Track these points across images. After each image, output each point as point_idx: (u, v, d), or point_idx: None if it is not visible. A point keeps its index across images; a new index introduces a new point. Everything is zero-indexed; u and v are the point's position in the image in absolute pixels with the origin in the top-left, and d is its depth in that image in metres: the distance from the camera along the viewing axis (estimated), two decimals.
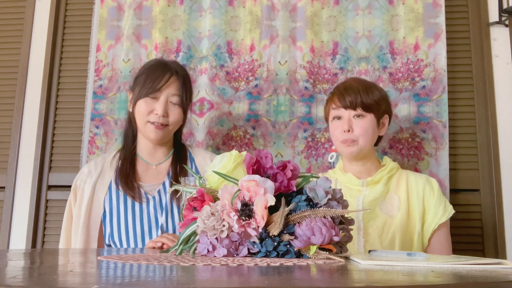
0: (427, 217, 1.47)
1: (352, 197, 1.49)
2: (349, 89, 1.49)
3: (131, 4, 2.00)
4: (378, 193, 1.48)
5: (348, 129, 1.47)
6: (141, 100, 1.48)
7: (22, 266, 0.77)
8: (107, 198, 1.50)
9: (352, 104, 1.47)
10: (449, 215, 1.47)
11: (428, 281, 0.60)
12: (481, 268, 0.72)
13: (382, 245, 1.42)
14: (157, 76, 1.48)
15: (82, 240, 1.46)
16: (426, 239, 1.46)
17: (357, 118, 1.48)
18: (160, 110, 1.46)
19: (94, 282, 0.56)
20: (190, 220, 0.98)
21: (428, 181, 1.51)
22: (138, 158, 1.56)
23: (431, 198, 1.47)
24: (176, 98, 1.49)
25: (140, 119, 1.49)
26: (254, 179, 0.91)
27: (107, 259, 0.87)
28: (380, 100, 1.51)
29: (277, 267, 0.72)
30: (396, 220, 1.45)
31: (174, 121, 1.50)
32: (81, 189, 1.52)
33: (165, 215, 1.47)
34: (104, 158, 1.59)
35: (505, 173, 1.83)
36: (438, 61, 1.84)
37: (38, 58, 2.08)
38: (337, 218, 0.94)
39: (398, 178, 1.52)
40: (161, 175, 1.54)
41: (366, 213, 1.45)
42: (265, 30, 1.93)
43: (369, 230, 1.44)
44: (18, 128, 2.04)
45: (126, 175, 1.49)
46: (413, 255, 0.90)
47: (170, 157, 1.57)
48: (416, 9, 1.88)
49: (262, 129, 1.88)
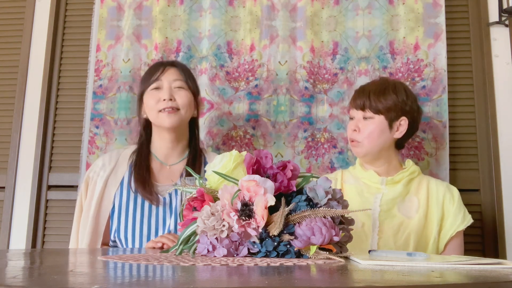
0: (445, 223, 1.48)
1: (370, 193, 1.51)
2: (363, 91, 1.53)
3: (131, 4, 1.99)
4: (397, 193, 1.50)
5: (355, 129, 1.52)
6: (146, 94, 1.52)
7: (22, 266, 0.77)
8: (118, 194, 1.50)
9: (361, 105, 1.51)
10: (468, 223, 1.48)
11: (428, 281, 0.60)
12: (481, 268, 0.72)
13: (396, 244, 1.44)
14: (154, 70, 1.53)
15: (90, 233, 1.46)
16: (442, 245, 1.47)
17: (366, 120, 1.51)
18: (166, 95, 1.49)
19: (94, 282, 0.56)
20: (190, 220, 0.98)
21: (449, 188, 1.52)
22: (152, 157, 1.56)
23: (451, 205, 1.48)
24: (178, 82, 1.52)
25: (152, 112, 1.51)
26: (254, 179, 0.91)
27: (107, 259, 0.87)
28: (395, 103, 1.50)
29: (277, 267, 0.72)
30: (413, 222, 1.46)
31: (183, 104, 1.51)
32: (93, 182, 1.52)
33: (174, 218, 1.47)
34: (119, 152, 1.59)
35: (505, 173, 1.83)
36: (438, 61, 1.84)
37: (38, 58, 2.08)
38: (337, 218, 0.94)
39: (419, 182, 1.53)
40: (174, 176, 1.53)
41: (383, 211, 1.47)
42: (265, 30, 1.93)
43: (384, 228, 1.46)
44: (18, 128, 2.04)
45: (142, 178, 1.49)
46: (413, 255, 0.90)
47: (185, 159, 1.57)
48: (416, 9, 1.88)
49: (262, 129, 1.88)
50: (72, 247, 1.53)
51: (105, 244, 1.52)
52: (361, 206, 1.47)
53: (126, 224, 1.47)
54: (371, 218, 1.47)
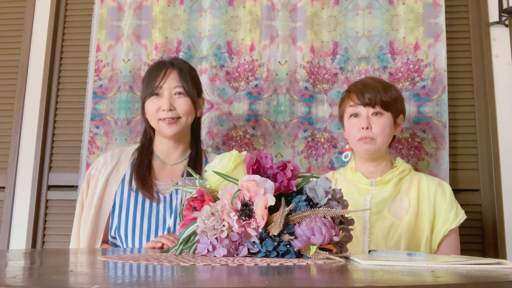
0: (437, 222, 1.45)
1: (360, 195, 1.49)
2: (368, 87, 1.48)
3: (131, 4, 2.00)
4: (387, 194, 1.47)
5: (367, 126, 1.46)
6: (148, 101, 1.52)
7: (22, 266, 0.77)
8: (119, 191, 1.51)
9: (371, 101, 1.46)
10: (461, 220, 1.45)
11: (428, 281, 0.60)
12: (481, 268, 0.72)
13: (387, 246, 1.42)
14: (154, 75, 1.52)
15: (90, 231, 1.47)
16: (435, 244, 1.45)
17: (375, 116, 1.47)
18: (165, 105, 1.48)
19: (94, 282, 0.56)
20: (190, 220, 0.98)
21: (440, 185, 1.49)
22: (154, 156, 1.57)
23: (443, 203, 1.46)
24: (178, 89, 1.51)
25: (152, 120, 1.52)
26: (254, 179, 0.91)
27: (107, 259, 0.87)
28: (397, 99, 1.51)
29: (277, 267, 0.72)
30: (404, 222, 1.44)
31: (184, 111, 1.51)
32: (95, 178, 1.53)
33: (174, 217, 1.47)
34: (121, 150, 1.61)
35: (505, 173, 1.83)
36: (438, 61, 1.84)
37: (38, 58, 2.08)
38: (337, 218, 0.94)
39: (410, 180, 1.51)
40: (176, 175, 1.54)
41: (373, 213, 1.45)
42: (265, 30, 1.93)
43: (375, 231, 1.43)
44: (18, 128, 2.04)
45: (142, 176, 1.50)
46: (413, 255, 0.90)
47: (186, 159, 1.57)
48: (416, 9, 1.88)
49: (262, 129, 1.88)
50: (73, 245, 1.54)
51: (104, 241, 1.52)
52: (351, 207, 1.46)
53: (126, 221, 1.48)
54: (361, 221, 1.45)
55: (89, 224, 1.48)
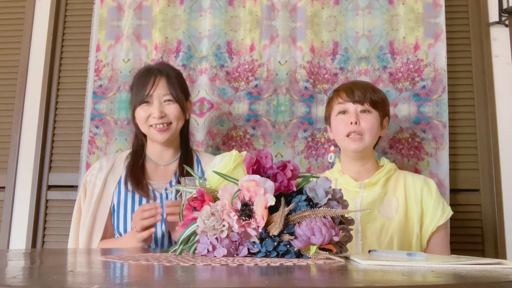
0: (425, 219, 1.46)
1: (350, 198, 1.48)
2: (358, 85, 1.52)
3: (131, 4, 1.99)
4: (376, 195, 1.48)
5: (356, 121, 1.46)
6: (138, 108, 1.55)
7: (22, 266, 0.77)
8: (116, 192, 1.55)
9: (360, 98, 1.48)
10: (447, 216, 1.46)
11: (428, 281, 0.60)
12: (481, 268, 0.72)
13: (380, 247, 1.42)
14: (143, 83, 1.54)
15: (87, 231, 1.51)
16: (424, 241, 1.46)
17: (364, 113, 1.48)
18: (156, 113, 1.52)
19: (94, 282, 0.56)
20: (190, 220, 0.98)
21: (426, 182, 1.50)
22: (147, 159, 1.61)
23: (429, 200, 1.47)
24: (167, 96, 1.54)
25: (142, 126, 1.56)
26: (254, 179, 0.91)
27: (107, 259, 0.87)
28: (385, 101, 1.54)
29: (277, 267, 0.72)
30: (394, 222, 1.45)
31: (174, 117, 1.55)
32: (92, 184, 1.57)
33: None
34: (115, 155, 1.66)
35: (505, 173, 1.83)
36: (438, 61, 1.84)
37: (38, 58, 2.08)
38: (337, 218, 0.94)
39: (396, 179, 1.51)
40: (169, 174, 1.59)
41: (364, 215, 1.45)
42: (265, 30, 1.93)
43: (367, 233, 1.44)
44: (18, 128, 2.04)
45: (136, 177, 1.55)
46: (413, 255, 0.90)
47: (177, 159, 1.62)
48: (416, 9, 1.88)
49: (262, 129, 1.88)
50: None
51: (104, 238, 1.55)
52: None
53: (125, 219, 1.52)
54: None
55: (86, 225, 1.51)
